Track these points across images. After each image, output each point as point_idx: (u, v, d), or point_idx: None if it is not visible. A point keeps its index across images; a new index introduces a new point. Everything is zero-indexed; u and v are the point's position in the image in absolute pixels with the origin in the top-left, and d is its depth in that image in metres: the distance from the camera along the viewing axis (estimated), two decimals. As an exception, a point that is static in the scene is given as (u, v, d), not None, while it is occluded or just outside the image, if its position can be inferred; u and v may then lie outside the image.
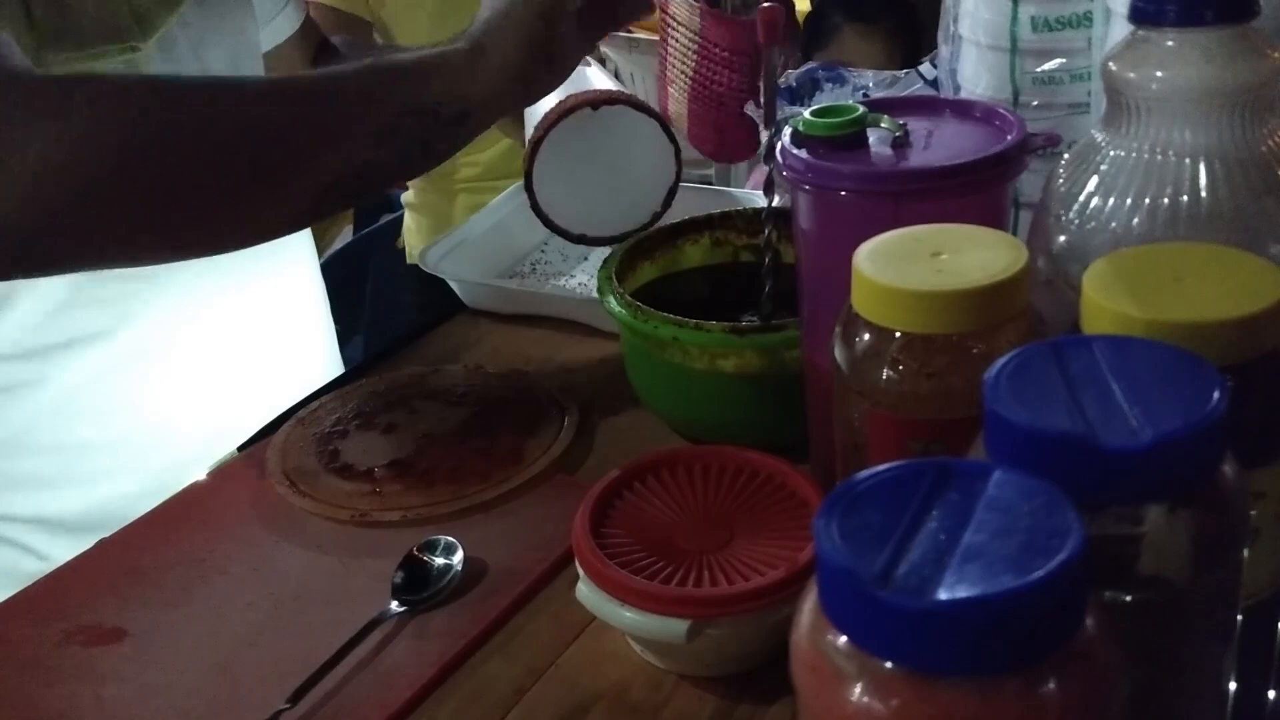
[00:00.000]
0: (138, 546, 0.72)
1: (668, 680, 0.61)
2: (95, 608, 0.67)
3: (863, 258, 0.49)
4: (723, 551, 0.60)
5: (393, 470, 0.76)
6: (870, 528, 0.34)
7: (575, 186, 0.86)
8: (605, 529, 0.62)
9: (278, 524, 0.73)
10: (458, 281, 0.98)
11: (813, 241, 0.61)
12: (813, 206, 0.60)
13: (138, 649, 0.63)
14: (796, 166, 0.58)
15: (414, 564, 0.67)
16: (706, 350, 0.71)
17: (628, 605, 0.57)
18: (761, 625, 0.57)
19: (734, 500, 0.64)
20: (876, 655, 0.33)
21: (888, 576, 0.32)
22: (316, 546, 0.71)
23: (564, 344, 0.93)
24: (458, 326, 0.98)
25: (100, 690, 0.60)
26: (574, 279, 1.03)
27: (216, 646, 0.63)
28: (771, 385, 0.71)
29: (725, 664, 0.60)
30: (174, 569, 0.69)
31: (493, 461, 0.77)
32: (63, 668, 0.62)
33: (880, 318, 0.48)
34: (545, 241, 1.09)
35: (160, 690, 0.60)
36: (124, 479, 0.89)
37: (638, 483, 0.65)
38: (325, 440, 0.79)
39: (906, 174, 0.57)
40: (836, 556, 0.33)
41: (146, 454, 0.90)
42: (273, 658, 0.62)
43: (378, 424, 0.81)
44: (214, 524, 0.73)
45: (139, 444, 0.90)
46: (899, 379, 0.48)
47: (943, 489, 0.36)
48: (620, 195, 0.88)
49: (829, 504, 0.35)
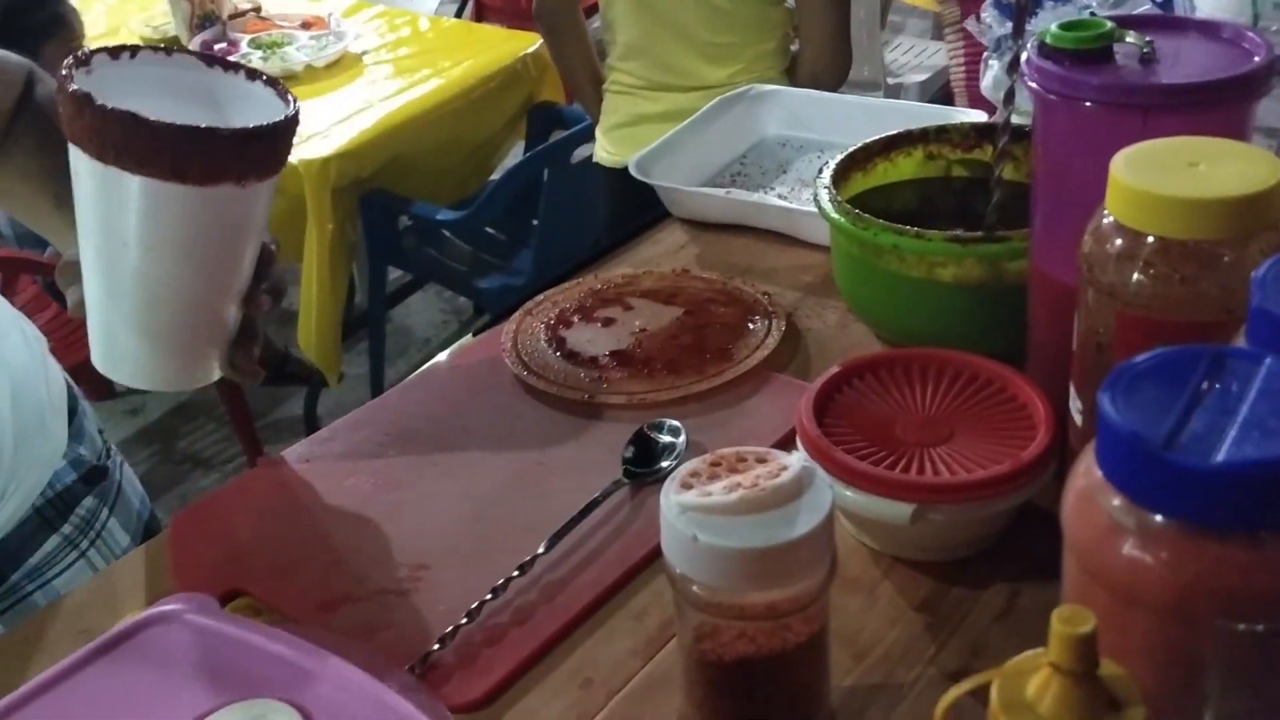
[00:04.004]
0: (397, 410, 0.80)
1: (882, 561, 0.65)
2: (369, 462, 0.75)
3: (1120, 164, 0.51)
4: (943, 446, 0.64)
5: (615, 359, 0.82)
6: (1151, 401, 0.37)
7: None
8: (826, 419, 0.66)
9: (516, 400, 0.79)
10: (665, 189, 1.02)
11: (1054, 152, 0.63)
12: (1058, 118, 0.61)
13: (408, 497, 0.71)
14: (1044, 77, 0.60)
15: (643, 440, 0.72)
16: (925, 259, 0.74)
17: (852, 487, 0.61)
18: (983, 514, 0.61)
19: (954, 400, 0.67)
20: (1154, 512, 0.36)
21: (1172, 441, 0.36)
22: (550, 421, 0.77)
23: (765, 253, 0.97)
24: (663, 233, 1.02)
25: (380, 529, 0.68)
26: (773, 190, 1.06)
27: (473, 499, 0.70)
28: (990, 295, 0.73)
29: (942, 549, 0.63)
30: (428, 434, 0.77)
31: (705, 357, 0.81)
32: (347, 507, 0.71)
33: (1136, 222, 0.50)
34: (744, 155, 1.12)
35: (429, 532, 0.68)
36: None
37: (858, 380, 0.69)
38: (552, 329, 0.85)
39: (1157, 88, 0.59)
40: (1123, 423, 0.36)
41: None
42: (519, 514, 0.69)
43: (597, 318, 0.87)
44: (458, 397, 0.80)
45: None
46: (1151, 282, 0.50)
47: (1218, 372, 0.39)
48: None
49: (1111, 380, 0.39)
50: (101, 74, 0.56)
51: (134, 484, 0.90)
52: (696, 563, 0.47)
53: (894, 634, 0.61)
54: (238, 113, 0.55)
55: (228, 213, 0.54)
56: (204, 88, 0.57)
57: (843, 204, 0.79)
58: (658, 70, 1.74)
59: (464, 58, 2.33)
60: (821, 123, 1.13)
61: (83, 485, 0.83)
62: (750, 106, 1.15)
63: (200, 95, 0.57)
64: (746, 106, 1.15)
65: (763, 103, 1.16)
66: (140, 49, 0.57)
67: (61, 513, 0.82)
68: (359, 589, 0.64)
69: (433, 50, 2.38)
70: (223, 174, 0.52)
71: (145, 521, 0.90)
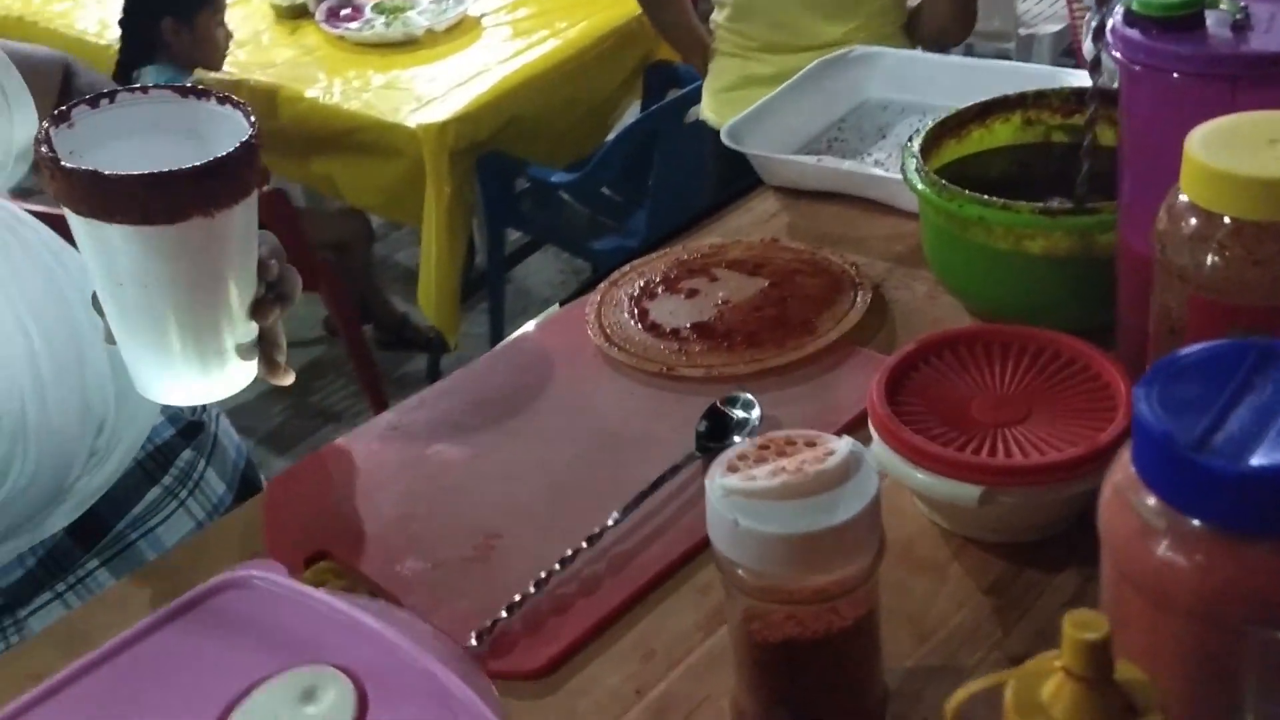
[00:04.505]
0: (483, 380, 0.82)
1: (954, 541, 0.64)
2: (452, 430, 0.77)
3: (1195, 141, 0.49)
4: (1019, 426, 0.62)
5: (696, 331, 0.82)
6: (1190, 398, 0.36)
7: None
8: (900, 397, 0.65)
9: (596, 371, 0.81)
10: (756, 156, 1.01)
11: (1140, 124, 0.60)
12: (1143, 88, 0.59)
13: (486, 466, 0.74)
14: (1129, 46, 0.58)
15: (717, 415, 0.73)
16: (1013, 230, 0.72)
17: (920, 467, 0.61)
18: (1055, 498, 0.59)
19: (1034, 379, 0.65)
20: (1186, 514, 0.35)
21: (1205, 443, 0.35)
22: (629, 393, 0.78)
23: (859, 221, 0.96)
24: (756, 201, 1.02)
25: (458, 497, 0.71)
26: (870, 156, 1.04)
27: (548, 470, 0.72)
28: (1080, 269, 0.71)
29: (1014, 532, 0.62)
30: (510, 403, 0.79)
31: (787, 330, 0.81)
32: (429, 475, 0.73)
33: (1210, 202, 0.48)
34: (843, 119, 1.10)
35: (504, 502, 0.70)
36: None
37: (934, 357, 0.68)
38: (636, 300, 0.86)
39: (1246, 57, 0.55)
40: (1156, 422, 0.35)
41: None
42: (592, 486, 0.70)
43: (681, 289, 0.87)
44: (542, 368, 0.82)
45: None
46: (1224, 265, 0.48)
47: (1266, 368, 0.37)
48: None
49: (1151, 374, 0.37)
50: (83, 125, 0.59)
51: (230, 435, 0.95)
52: (738, 546, 0.47)
53: (960, 616, 0.60)
54: (217, 137, 0.59)
55: (204, 242, 0.57)
56: (183, 118, 0.61)
57: (928, 174, 0.77)
58: (771, 29, 1.72)
59: (580, 18, 2.34)
60: (925, 85, 1.10)
61: (180, 439, 0.88)
62: (851, 68, 1.13)
63: (181, 126, 0.60)
64: (847, 68, 1.13)
65: (864, 64, 1.13)
66: (118, 92, 0.61)
67: (161, 465, 0.87)
68: (433, 556, 0.66)
69: (549, 11, 2.39)
70: (188, 210, 0.55)
71: (241, 471, 0.95)
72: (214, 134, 0.58)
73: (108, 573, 0.84)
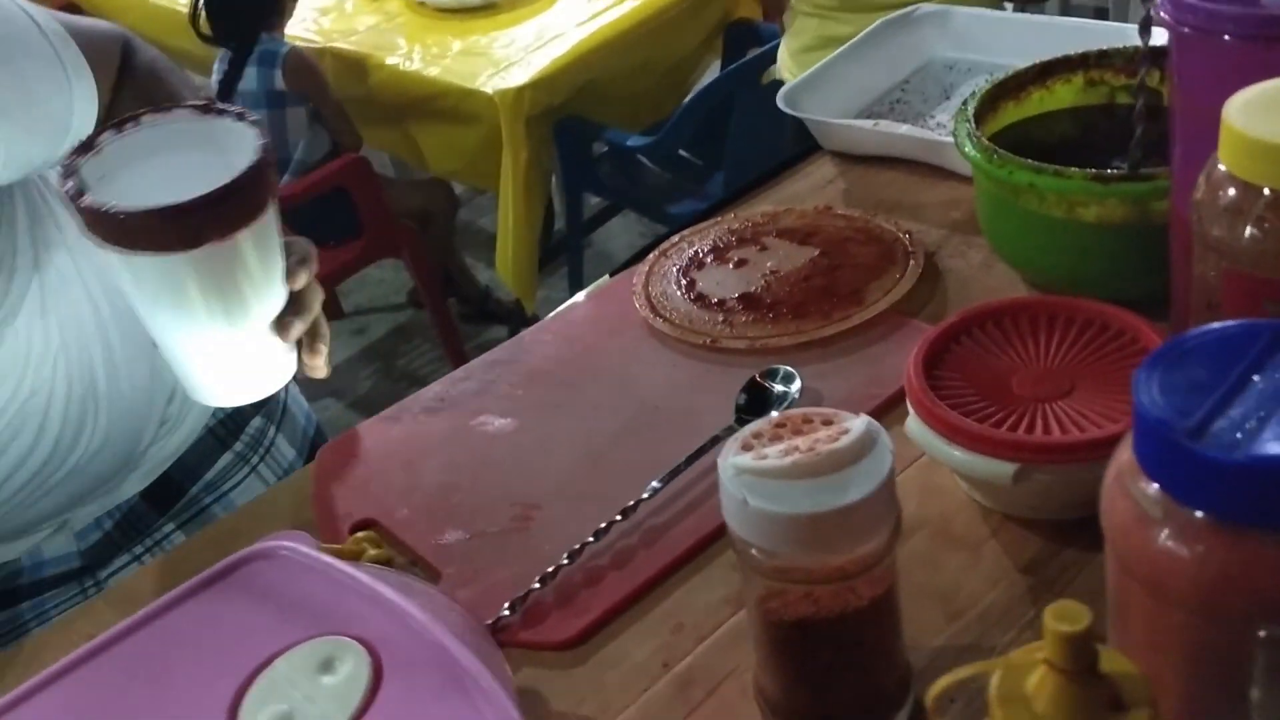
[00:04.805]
0: (530, 351, 0.83)
1: (992, 518, 0.63)
2: (497, 401, 0.78)
3: (1234, 109, 0.46)
4: (1061, 401, 0.61)
5: (742, 302, 0.81)
6: (1193, 383, 0.35)
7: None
8: (940, 371, 0.64)
9: (641, 342, 0.81)
10: (812, 120, 0.99)
11: (1189, 88, 0.57)
12: (1192, 50, 0.56)
13: (528, 438, 0.74)
14: (1177, 7, 0.55)
15: (756, 388, 0.72)
16: (1065, 198, 0.70)
17: (955, 444, 0.60)
18: (1093, 476, 0.57)
19: (1080, 352, 0.63)
20: (1185, 504, 0.34)
21: (1203, 430, 0.33)
22: (672, 365, 0.78)
23: (916, 187, 0.93)
24: (813, 166, 1.00)
25: (499, 468, 0.72)
26: (934, 119, 1.01)
27: (589, 440, 0.73)
28: (1135, 237, 0.68)
29: (1053, 509, 0.61)
30: (555, 374, 0.80)
31: (834, 301, 0.80)
32: (472, 446, 0.75)
33: (1248, 172, 0.46)
34: (906, 80, 1.07)
35: (544, 473, 0.71)
36: None
37: (977, 329, 0.66)
38: (684, 271, 0.86)
39: (1304, 14, 0.52)
40: (1153, 408, 0.34)
41: None
42: (631, 458, 0.70)
43: (730, 259, 0.87)
44: (588, 338, 0.83)
45: None
46: (1262, 237, 0.46)
47: (1274, 352, 0.35)
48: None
49: (1154, 358, 0.36)
50: (109, 150, 0.61)
51: (300, 403, 0.98)
52: (749, 526, 0.47)
53: (994, 595, 0.59)
54: (239, 152, 0.60)
55: (222, 264, 0.59)
56: (205, 135, 0.63)
57: (980, 139, 0.75)
58: None
59: (657, -23, 2.31)
60: (992, 43, 1.07)
61: (250, 407, 0.91)
62: (915, 27, 1.10)
63: (204, 142, 0.62)
64: (911, 27, 1.10)
65: (929, 23, 1.10)
66: (142, 115, 0.63)
67: (233, 432, 0.90)
68: (473, 527, 0.68)
69: (627, -28, 2.37)
70: (202, 237, 0.57)
71: (311, 438, 0.97)
72: (234, 146, 0.60)
73: (183, 535, 0.88)
